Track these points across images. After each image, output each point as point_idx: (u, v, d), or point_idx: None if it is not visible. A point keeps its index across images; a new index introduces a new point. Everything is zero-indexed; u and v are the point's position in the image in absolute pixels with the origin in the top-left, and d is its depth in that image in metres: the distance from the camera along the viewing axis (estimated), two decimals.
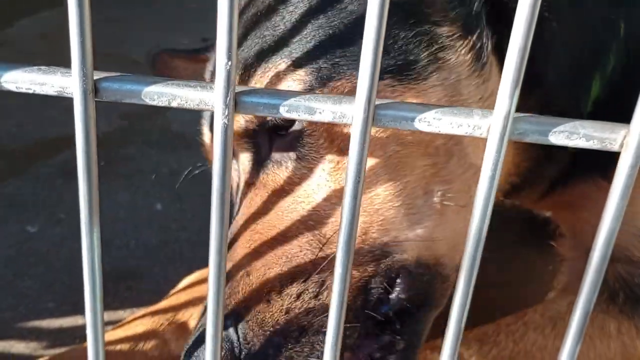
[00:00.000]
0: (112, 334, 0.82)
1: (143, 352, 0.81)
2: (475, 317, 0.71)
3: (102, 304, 0.50)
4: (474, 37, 0.69)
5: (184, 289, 0.92)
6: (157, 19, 2.25)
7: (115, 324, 0.95)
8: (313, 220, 0.65)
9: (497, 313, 0.82)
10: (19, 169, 1.32)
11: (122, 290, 1.02)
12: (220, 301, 0.46)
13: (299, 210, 0.65)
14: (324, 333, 0.58)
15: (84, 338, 0.50)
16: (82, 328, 0.50)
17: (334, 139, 0.64)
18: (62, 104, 0.42)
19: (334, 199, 0.64)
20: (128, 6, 2.32)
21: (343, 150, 0.64)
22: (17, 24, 2.06)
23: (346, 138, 0.63)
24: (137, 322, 0.85)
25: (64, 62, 0.41)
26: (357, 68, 0.56)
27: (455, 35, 0.68)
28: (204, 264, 0.46)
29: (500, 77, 0.37)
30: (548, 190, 0.88)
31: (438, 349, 0.74)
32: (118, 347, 0.80)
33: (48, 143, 1.42)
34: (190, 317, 0.87)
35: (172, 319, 0.86)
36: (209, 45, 1.02)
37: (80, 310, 0.50)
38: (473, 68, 0.68)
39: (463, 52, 0.68)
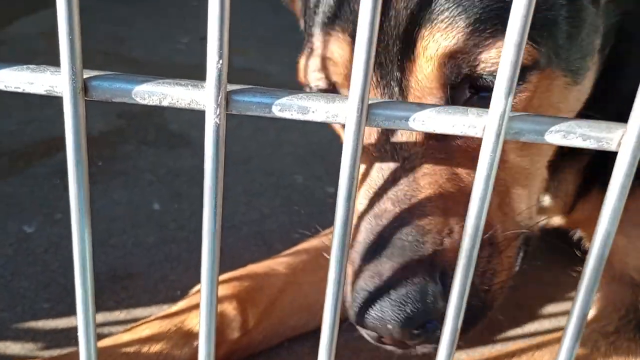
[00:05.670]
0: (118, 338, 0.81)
1: (147, 354, 0.79)
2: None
3: (94, 307, 0.49)
4: None
5: (196, 293, 0.90)
6: (158, 17, 2.25)
7: (112, 324, 0.94)
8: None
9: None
10: (16, 169, 1.32)
11: (118, 290, 1.02)
12: (213, 303, 0.46)
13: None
14: None
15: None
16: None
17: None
18: (61, 103, 0.41)
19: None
20: (128, 5, 2.32)
21: None
22: (17, 22, 2.06)
23: None
24: (145, 326, 0.83)
25: None
26: None
27: None
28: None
29: None
30: (571, 206, 0.89)
31: None
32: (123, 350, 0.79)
33: (46, 143, 1.42)
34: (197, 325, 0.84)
35: (180, 324, 0.83)
36: None
37: (76, 311, 0.49)
38: None
39: None
